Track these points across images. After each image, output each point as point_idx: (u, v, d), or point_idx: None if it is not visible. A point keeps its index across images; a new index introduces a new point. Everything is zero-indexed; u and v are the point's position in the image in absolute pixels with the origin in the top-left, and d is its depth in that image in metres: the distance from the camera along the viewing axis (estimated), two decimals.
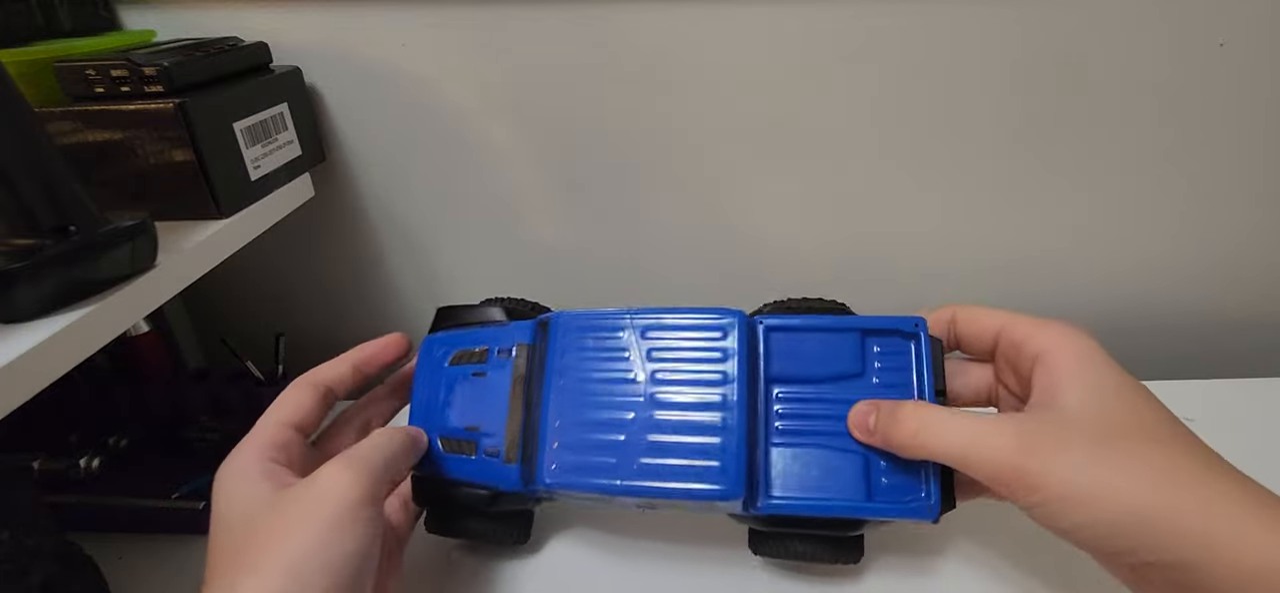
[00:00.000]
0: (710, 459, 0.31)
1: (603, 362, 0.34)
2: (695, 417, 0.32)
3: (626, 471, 0.32)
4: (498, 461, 0.34)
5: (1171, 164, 0.52)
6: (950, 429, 0.28)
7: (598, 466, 0.32)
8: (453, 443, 0.36)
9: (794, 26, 0.48)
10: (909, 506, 0.31)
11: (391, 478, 0.32)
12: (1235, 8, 0.46)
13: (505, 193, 0.56)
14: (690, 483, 0.31)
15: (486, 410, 0.36)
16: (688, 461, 0.31)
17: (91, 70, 0.40)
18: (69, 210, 0.32)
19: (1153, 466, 0.25)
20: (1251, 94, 0.49)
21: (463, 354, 0.38)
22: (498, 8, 0.48)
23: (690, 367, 0.33)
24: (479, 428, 0.35)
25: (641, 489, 0.31)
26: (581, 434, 0.33)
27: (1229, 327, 0.60)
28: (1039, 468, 0.26)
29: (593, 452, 0.32)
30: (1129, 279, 0.58)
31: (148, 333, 0.49)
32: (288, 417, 0.33)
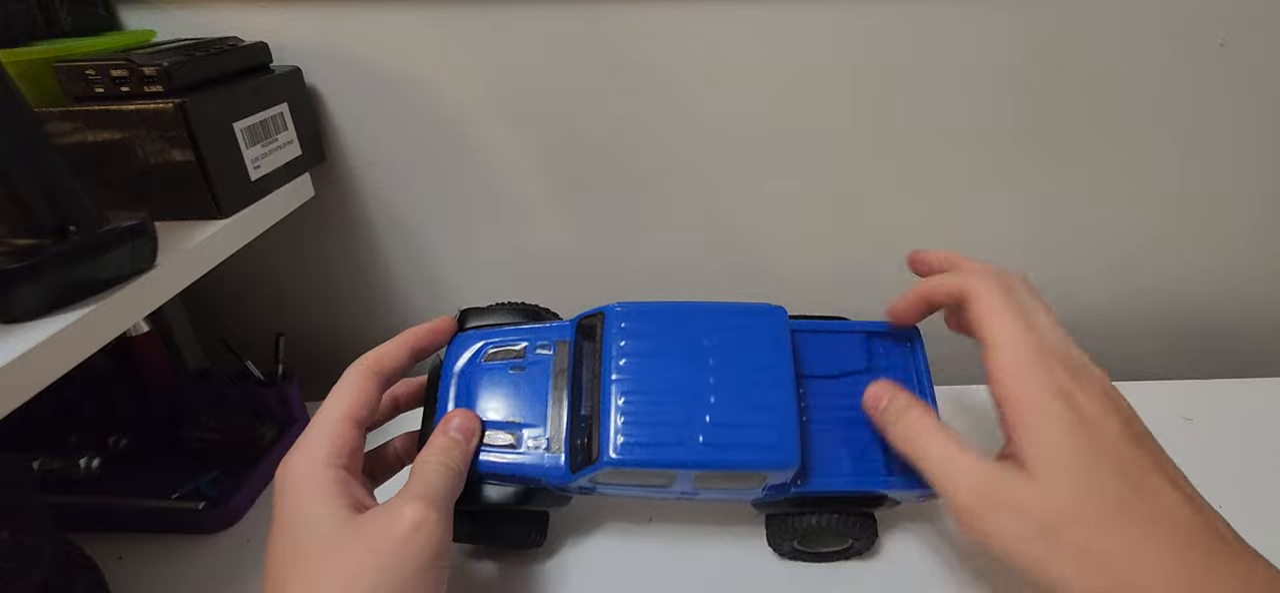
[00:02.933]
0: (769, 432, 0.34)
1: (661, 348, 0.36)
2: (751, 395, 0.34)
3: (690, 446, 0.33)
4: (541, 452, 0.35)
5: (1171, 164, 0.52)
6: (934, 449, 0.31)
7: (661, 442, 0.33)
8: (498, 439, 0.36)
9: (794, 27, 0.48)
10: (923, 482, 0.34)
11: (457, 497, 0.32)
12: (1235, 8, 0.46)
13: (505, 193, 0.56)
14: (752, 452, 0.33)
15: (527, 405, 0.37)
16: (748, 435, 0.34)
17: (91, 70, 0.39)
18: (69, 210, 0.32)
19: (1091, 556, 0.26)
20: (1251, 94, 0.49)
21: (499, 352, 0.38)
22: (498, 8, 0.48)
23: (743, 353, 0.36)
24: (520, 421, 0.36)
25: (705, 461, 0.33)
26: (644, 414, 0.34)
27: (1229, 327, 0.60)
28: (989, 523, 0.28)
29: (656, 430, 0.34)
30: (1129, 279, 0.58)
31: (148, 333, 0.49)
32: (353, 411, 0.32)
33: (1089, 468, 0.28)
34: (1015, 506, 0.28)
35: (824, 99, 0.51)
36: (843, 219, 0.56)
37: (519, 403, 0.37)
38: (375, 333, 0.58)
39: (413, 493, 0.30)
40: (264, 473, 0.47)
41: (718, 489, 0.35)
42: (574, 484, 0.35)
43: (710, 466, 0.33)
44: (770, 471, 0.34)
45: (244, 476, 0.46)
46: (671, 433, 0.33)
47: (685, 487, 0.35)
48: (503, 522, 0.38)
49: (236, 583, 0.41)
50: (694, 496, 0.36)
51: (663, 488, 0.35)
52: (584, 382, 0.36)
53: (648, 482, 0.35)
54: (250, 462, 0.47)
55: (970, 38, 0.48)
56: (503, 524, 0.38)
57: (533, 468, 0.35)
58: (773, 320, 0.37)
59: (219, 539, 0.44)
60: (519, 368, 0.38)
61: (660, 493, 0.36)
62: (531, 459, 0.35)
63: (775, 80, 0.50)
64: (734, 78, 0.50)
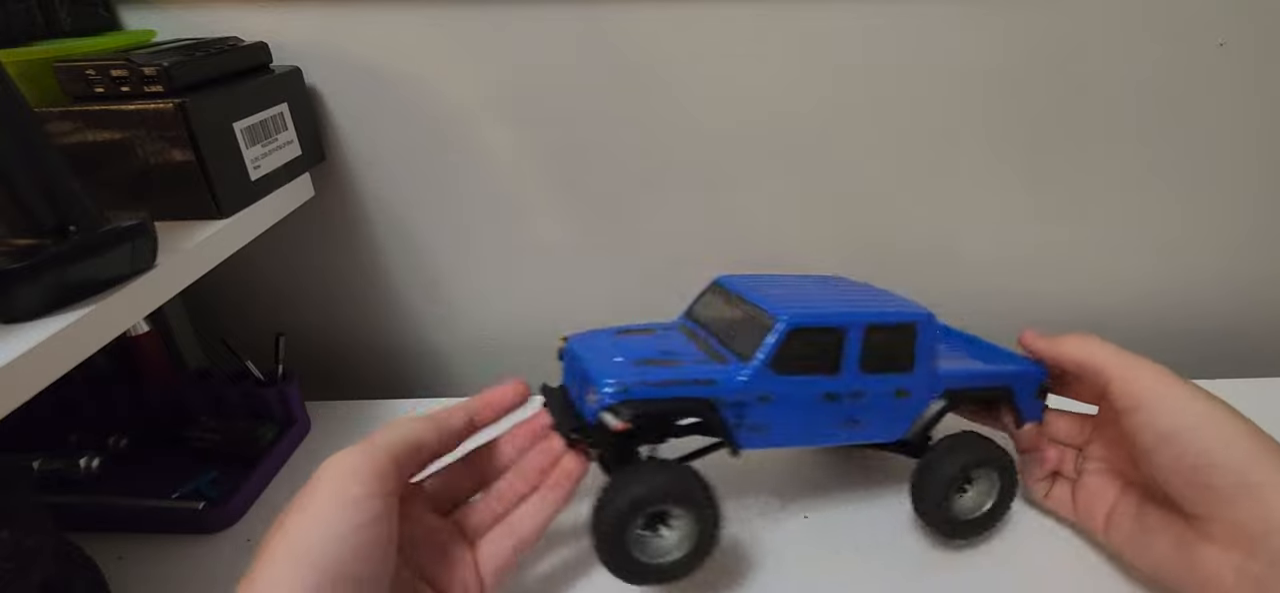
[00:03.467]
0: (907, 307, 0.39)
1: (786, 281, 0.41)
2: (878, 296, 0.42)
3: (852, 307, 0.38)
4: (706, 363, 0.36)
5: (1172, 164, 0.52)
6: (1114, 350, 0.38)
7: (826, 310, 0.37)
8: (653, 361, 0.36)
9: (794, 28, 0.48)
10: (1032, 364, 0.41)
11: (405, 461, 0.32)
12: (1235, 8, 0.46)
13: (505, 193, 0.56)
14: (901, 309, 0.39)
15: (676, 346, 0.38)
16: (892, 308, 0.39)
17: (91, 70, 0.40)
18: (69, 210, 0.32)
19: (1253, 429, 0.33)
20: (1252, 94, 0.49)
21: (626, 331, 0.41)
22: (498, 8, 0.48)
23: (850, 286, 0.44)
24: (673, 352, 0.37)
25: (869, 314, 0.37)
26: (799, 298, 0.38)
27: (1229, 327, 0.60)
28: (1174, 388, 0.35)
29: (817, 304, 0.37)
30: (1129, 279, 0.58)
31: (148, 333, 0.49)
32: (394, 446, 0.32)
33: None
34: (1189, 386, 0.35)
35: (824, 99, 0.51)
36: (842, 218, 0.56)
37: (668, 345, 0.38)
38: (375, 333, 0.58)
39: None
40: (264, 473, 0.47)
41: (882, 397, 0.38)
42: (748, 383, 0.35)
43: (874, 318, 0.37)
44: (915, 320, 0.38)
45: (244, 476, 0.46)
46: (831, 306, 0.37)
47: (852, 374, 0.37)
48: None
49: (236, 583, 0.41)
50: (858, 419, 0.38)
51: (833, 404, 0.37)
52: (724, 326, 0.39)
53: (822, 367, 0.36)
54: (250, 462, 0.47)
55: (970, 38, 0.48)
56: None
57: (702, 371, 0.35)
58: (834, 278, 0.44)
59: (219, 539, 0.44)
60: (653, 334, 0.40)
61: (826, 422, 0.37)
62: (698, 369, 0.36)
63: (775, 80, 0.50)
64: (734, 78, 0.50)
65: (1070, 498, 0.42)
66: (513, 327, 0.62)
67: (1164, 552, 0.35)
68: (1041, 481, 0.42)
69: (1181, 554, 0.34)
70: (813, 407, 0.37)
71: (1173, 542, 0.35)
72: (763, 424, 0.36)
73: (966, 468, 0.39)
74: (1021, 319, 0.59)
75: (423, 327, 0.63)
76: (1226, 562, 0.32)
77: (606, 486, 0.34)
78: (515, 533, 0.36)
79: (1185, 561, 0.34)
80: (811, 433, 0.38)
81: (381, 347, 0.64)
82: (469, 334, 0.63)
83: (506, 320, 0.62)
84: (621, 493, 0.33)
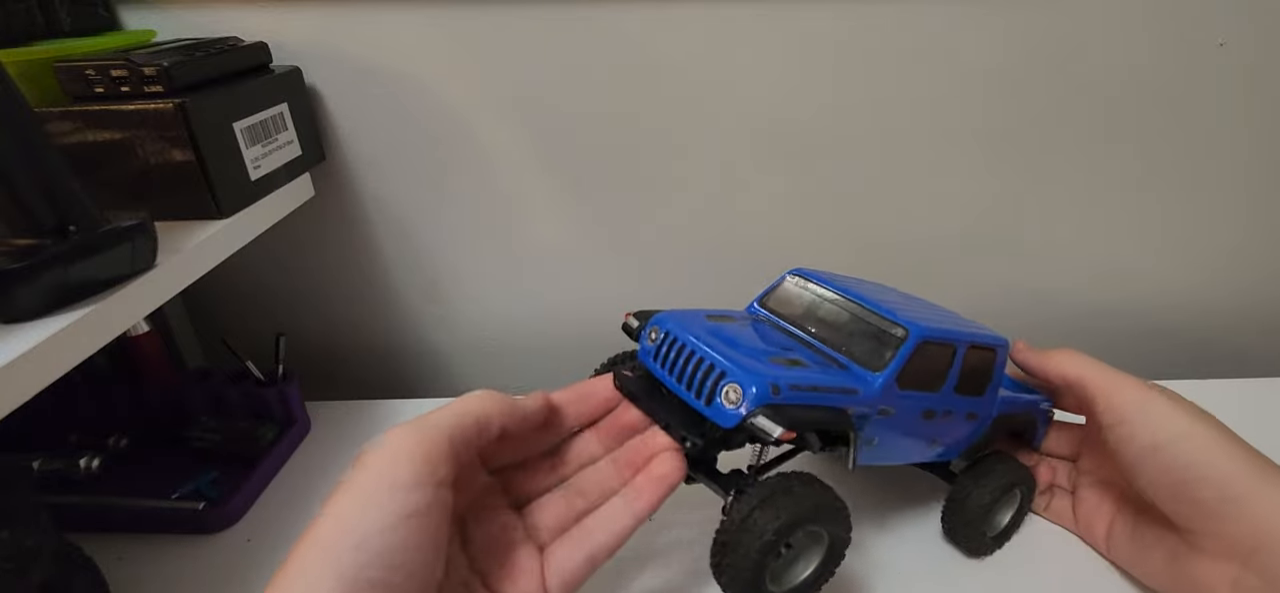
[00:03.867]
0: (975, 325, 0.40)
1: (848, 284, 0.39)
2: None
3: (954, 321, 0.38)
4: (830, 368, 0.33)
5: (1172, 164, 0.52)
6: (1097, 364, 0.38)
7: (938, 322, 0.36)
8: (787, 362, 0.32)
9: (794, 28, 0.48)
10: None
11: (464, 445, 0.28)
12: (1235, 8, 0.46)
13: (505, 193, 0.56)
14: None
15: (784, 343, 0.35)
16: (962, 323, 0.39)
17: (91, 70, 0.39)
18: (69, 210, 0.32)
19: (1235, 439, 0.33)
20: (1252, 94, 0.49)
21: (715, 317, 0.36)
22: (498, 8, 0.48)
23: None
24: (791, 351, 0.34)
25: (977, 334, 0.37)
26: (903, 306, 0.37)
27: (1229, 327, 0.60)
28: (1158, 401, 0.35)
29: (923, 313, 0.37)
30: (1129, 279, 0.58)
31: (148, 333, 0.49)
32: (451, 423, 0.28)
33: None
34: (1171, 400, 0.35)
35: (824, 99, 0.51)
36: (843, 218, 0.56)
37: (776, 341, 0.35)
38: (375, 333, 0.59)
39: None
40: (264, 473, 0.47)
41: (959, 417, 0.37)
42: (879, 394, 0.32)
43: (975, 338, 0.37)
44: (997, 346, 0.38)
45: (244, 476, 0.46)
46: (934, 318, 0.36)
47: (949, 393, 0.36)
48: None
49: (236, 583, 0.41)
50: (938, 438, 0.38)
51: (927, 422, 0.36)
52: (829, 326, 0.36)
53: (928, 385, 0.35)
54: (250, 462, 0.47)
55: (970, 38, 0.48)
56: None
57: (843, 379, 0.32)
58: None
59: (219, 539, 0.44)
60: (744, 325, 0.36)
61: (918, 439, 0.37)
62: (838, 376, 0.32)
63: (775, 81, 0.50)
64: (734, 78, 0.50)
65: (1071, 512, 0.42)
66: (513, 327, 0.62)
67: (1160, 565, 0.36)
68: (1041, 495, 0.43)
69: (1177, 568, 0.34)
70: (915, 423, 0.36)
71: (1167, 555, 0.35)
72: (872, 438, 0.34)
73: (1004, 488, 0.39)
74: (1022, 318, 0.59)
75: (423, 327, 0.63)
76: (1221, 575, 0.32)
77: (737, 506, 0.29)
78: (590, 542, 0.31)
79: (1181, 574, 0.34)
80: (906, 450, 0.37)
81: (381, 347, 0.64)
82: (469, 334, 0.63)
83: (506, 320, 0.62)
84: (767, 514, 0.28)
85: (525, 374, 0.64)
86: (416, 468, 0.26)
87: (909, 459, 0.38)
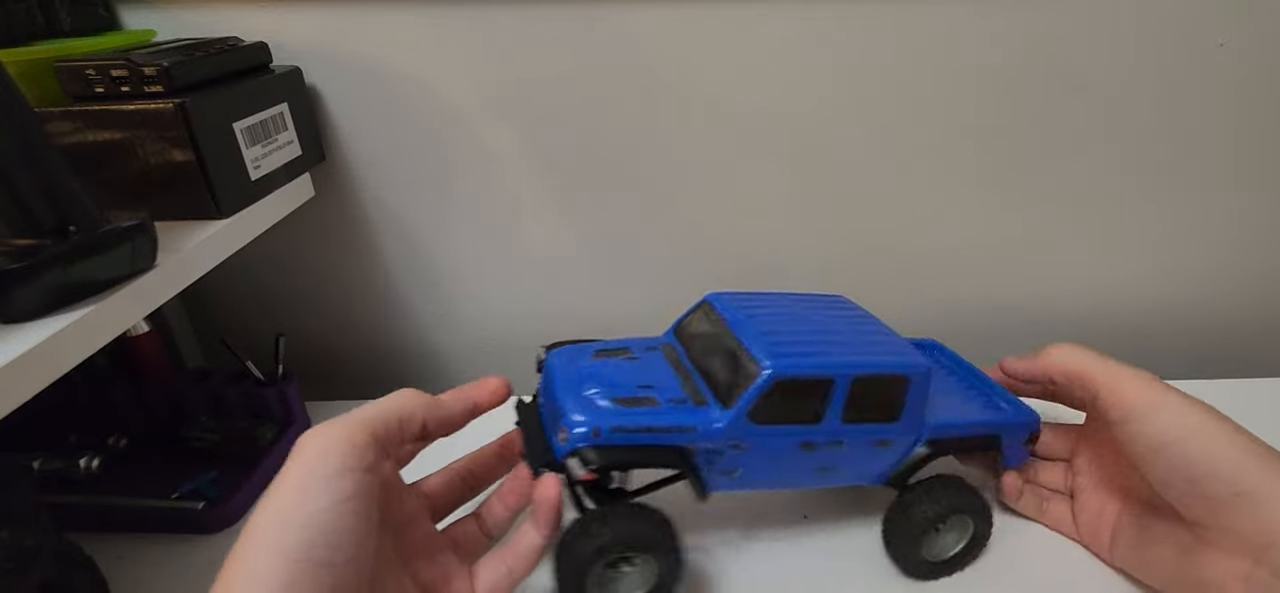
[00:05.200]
0: (894, 349, 0.38)
1: (774, 306, 0.39)
2: (865, 330, 0.39)
3: (840, 353, 0.36)
4: (687, 405, 0.35)
5: (1173, 164, 0.52)
6: (1099, 358, 0.37)
7: (814, 352, 0.35)
8: (630, 400, 0.34)
9: (793, 28, 0.48)
10: (1026, 412, 0.41)
11: (388, 436, 0.31)
12: (1235, 8, 0.46)
13: (505, 193, 0.56)
14: (892, 357, 0.36)
15: (657, 377, 0.37)
16: (880, 351, 0.37)
17: (91, 70, 0.39)
18: (69, 210, 0.32)
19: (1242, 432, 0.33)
20: (1252, 94, 0.49)
21: (604, 352, 0.39)
22: (498, 8, 0.48)
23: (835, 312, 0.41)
24: (652, 387, 0.36)
25: (858, 363, 0.35)
26: (788, 335, 0.36)
27: (1230, 327, 0.60)
28: (1160, 396, 0.35)
29: (804, 346, 0.35)
30: (1129, 280, 0.58)
31: (148, 333, 0.49)
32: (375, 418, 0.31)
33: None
34: (1179, 395, 0.34)
35: (824, 100, 0.51)
36: (843, 220, 0.56)
37: (647, 376, 0.36)
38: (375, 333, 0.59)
39: None
40: (264, 473, 0.47)
41: (860, 445, 0.36)
42: (724, 431, 0.34)
43: (863, 369, 0.35)
44: (907, 373, 0.36)
45: (244, 475, 0.46)
46: (820, 347, 0.35)
47: (834, 424, 0.35)
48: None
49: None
50: (833, 466, 0.36)
51: (808, 452, 0.35)
52: (708, 357, 0.37)
53: (802, 417, 0.35)
54: (250, 462, 0.47)
55: (969, 38, 0.48)
56: None
57: (680, 417, 0.34)
58: (841, 300, 0.42)
59: (219, 539, 0.44)
60: (632, 357, 0.38)
61: (799, 468, 0.36)
62: (676, 415, 0.34)
63: (775, 82, 0.50)
64: (734, 78, 0.50)
65: (1071, 517, 0.41)
66: (513, 327, 0.62)
67: (1169, 561, 0.35)
68: (1038, 500, 0.42)
69: (1187, 561, 0.34)
70: (788, 454, 0.35)
71: (1177, 549, 0.35)
72: (733, 468, 0.35)
73: (940, 515, 0.38)
74: (1022, 318, 0.59)
75: (423, 327, 0.63)
76: (1232, 570, 0.32)
77: (570, 528, 0.33)
78: (511, 558, 0.34)
79: (1190, 569, 0.34)
80: (783, 478, 0.37)
81: (381, 347, 0.64)
82: (469, 334, 0.63)
83: (506, 320, 0.62)
84: (584, 539, 0.32)
85: (525, 374, 0.64)
86: (345, 457, 0.28)
87: (795, 485, 0.39)
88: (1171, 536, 0.35)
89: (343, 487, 0.28)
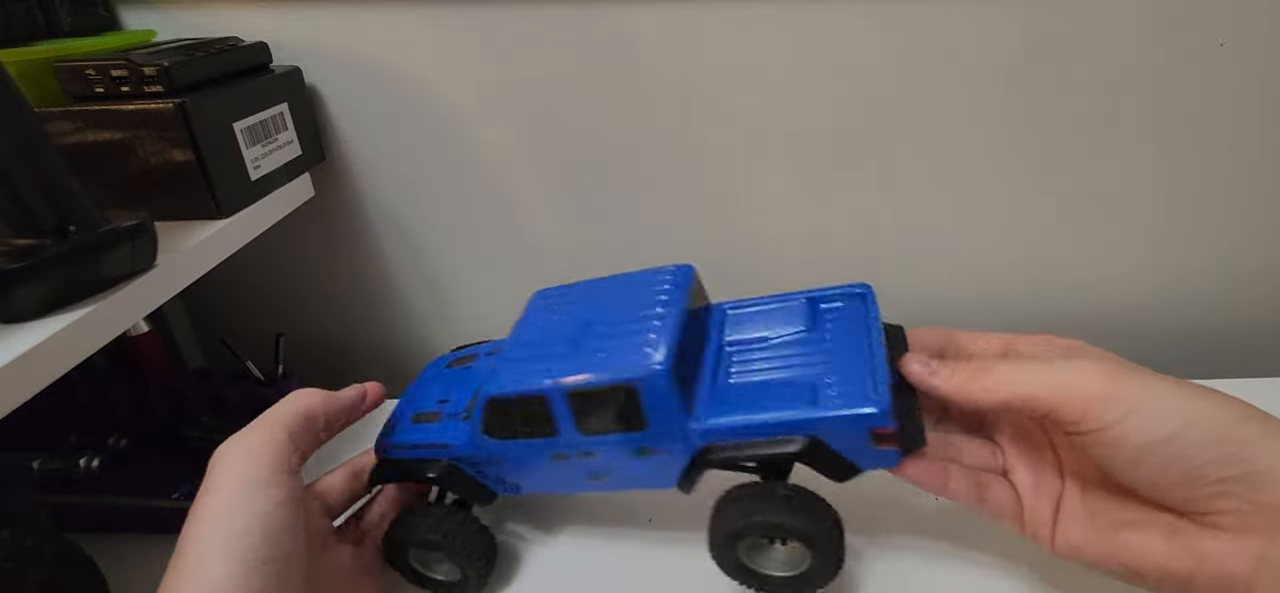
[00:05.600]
0: (632, 347, 0.33)
1: (558, 309, 0.38)
2: (627, 320, 0.35)
3: (556, 369, 0.33)
4: (456, 421, 0.37)
5: (1172, 164, 0.52)
6: (1040, 373, 0.30)
7: (532, 372, 0.34)
8: (423, 416, 0.39)
9: (793, 27, 0.48)
10: (857, 400, 0.30)
11: (300, 435, 0.33)
12: (1235, 8, 0.46)
13: (505, 193, 0.56)
14: (617, 361, 0.32)
15: (459, 389, 0.40)
16: (614, 353, 0.33)
17: (91, 70, 0.40)
18: (69, 210, 0.32)
19: (1233, 401, 0.29)
20: (1252, 94, 0.49)
21: (458, 360, 0.43)
22: (498, 8, 0.48)
23: (630, 295, 0.37)
24: (448, 401, 0.39)
25: (566, 375, 0.33)
26: (525, 355, 0.35)
27: (1229, 327, 0.60)
28: (1133, 387, 0.29)
29: (530, 364, 0.34)
30: (1130, 279, 0.58)
31: (148, 333, 0.49)
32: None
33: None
34: (1154, 375, 0.30)
35: (825, 98, 0.51)
36: (844, 218, 0.56)
37: (454, 389, 0.40)
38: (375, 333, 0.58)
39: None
40: None
41: (618, 454, 0.33)
42: (468, 447, 0.36)
43: (576, 386, 0.32)
44: (632, 381, 0.31)
45: None
46: (555, 360, 0.34)
47: (574, 437, 0.33)
48: None
49: None
50: (603, 473, 0.35)
51: (565, 462, 0.34)
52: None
53: (537, 431, 0.34)
54: None
55: (970, 38, 0.48)
56: None
57: (439, 435, 0.37)
58: (670, 274, 0.38)
59: None
60: (468, 365, 0.42)
61: (569, 477, 0.35)
62: (440, 432, 0.37)
63: (777, 80, 0.50)
64: (734, 77, 0.50)
65: (1016, 500, 0.33)
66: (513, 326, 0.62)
67: (1155, 546, 0.30)
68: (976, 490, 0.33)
69: (1179, 546, 0.29)
70: (546, 466, 0.35)
71: (1164, 533, 0.29)
72: (504, 478, 0.37)
73: (748, 530, 0.32)
74: (1021, 317, 0.59)
75: (423, 327, 0.63)
76: (1242, 551, 0.28)
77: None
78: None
79: (1185, 554, 0.29)
80: (559, 486, 0.37)
81: (381, 347, 0.64)
82: (469, 334, 0.63)
83: (507, 321, 0.62)
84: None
85: None
86: (273, 461, 0.30)
87: (578, 491, 0.39)
88: (1152, 519, 0.30)
89: (276, 491, 0.30)
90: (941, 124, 0.51)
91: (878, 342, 0.33)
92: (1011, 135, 0.52)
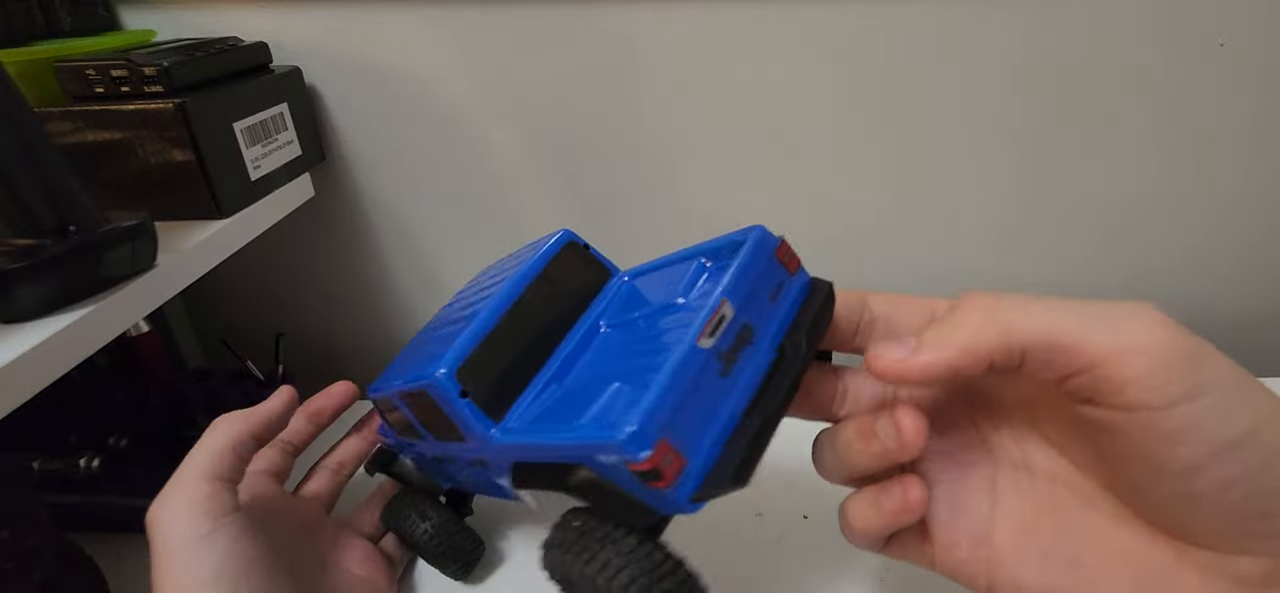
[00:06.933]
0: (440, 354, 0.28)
1: (461, 303, 0.34)
2: (444, 326, 0.32)
3: (399, 377, 0.30)
4: None
5: (1172, 164, 0.52)
6: (1082, 313, 0.21)
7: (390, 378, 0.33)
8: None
9: (793, 26, 0.48)
10: (610, 419, 0.21)
11: (226, 470, 0.32)
12: (1235, 8, 0.46)
13: (505, 192, 0.56)
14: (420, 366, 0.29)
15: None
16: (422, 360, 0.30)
17: (91, 70, 0.40)
18: (69, 210, 0.32)
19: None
20: (1252, 94, 0.49)
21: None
22: (498, 8, 0.48)
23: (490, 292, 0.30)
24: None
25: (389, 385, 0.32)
26: (409, 359, 0.33)
27: (1230, 326, 0.60)
28: (1211, 360, 0.20)
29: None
30: (1129, 280, 0.58)
31: (148, 333, 0.49)
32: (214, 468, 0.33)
33: None
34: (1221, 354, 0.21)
35: (826, 99, 0.51)
36: (844, 218, 0.56)
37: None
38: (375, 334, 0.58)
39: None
40: None
41: (463, 466, 0.31)
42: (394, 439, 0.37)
43: (400, 388, 0.29)
44: (427, 388, 0.27)
45: None
46: (406, 366, 0.31)
47: (433, 444, 0.31)
48: None
49: None
50: (475, 481, 0.33)
51: (445, 465, 0.34)
52: None
53: (411, 433, 0.33)
54: None
55: (970, 38, 0.48)
56: None
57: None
58: (531, 250, 0.31)
59: None
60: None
61: (470, 482, 0.35)
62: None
63: (777, 80, 0.50)
64: (735, 77, 0.50)
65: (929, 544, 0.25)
66: None
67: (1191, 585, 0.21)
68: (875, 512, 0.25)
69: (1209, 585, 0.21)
70: (435, 466, 0.36)
71: (1200, 569, 0.21)
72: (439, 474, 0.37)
73: (548, 567, 0.26)
74: None
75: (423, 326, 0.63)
76: None
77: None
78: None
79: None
80: (479, 487, 0.35)
81: (381, 347, 0.64)
82: None
83: None
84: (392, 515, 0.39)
85: None
86: (205, 514, 0.30)
87: (494, 495, 0.33)
88: (1186, 557, 0.21)
89: (225, 536, 0.30)
90: (941, 126, 0.51)
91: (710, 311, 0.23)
92: (1011, 136, 0.52)
